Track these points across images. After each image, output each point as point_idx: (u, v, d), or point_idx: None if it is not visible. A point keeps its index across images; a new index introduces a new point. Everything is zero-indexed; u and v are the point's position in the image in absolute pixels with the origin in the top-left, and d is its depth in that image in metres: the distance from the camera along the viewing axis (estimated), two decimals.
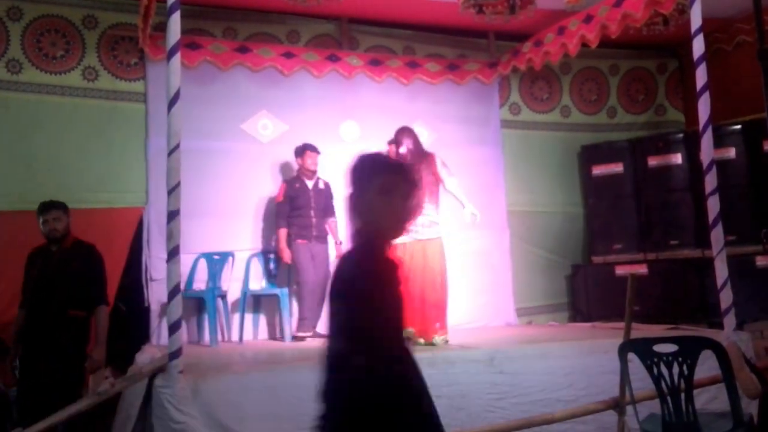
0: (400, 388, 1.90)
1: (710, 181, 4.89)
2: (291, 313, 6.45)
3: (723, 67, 7.22)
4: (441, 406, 4.27)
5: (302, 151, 6.50)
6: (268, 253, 6.70)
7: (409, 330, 5.23)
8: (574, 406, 4.32)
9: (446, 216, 5.78)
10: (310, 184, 6.48)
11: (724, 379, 3.20)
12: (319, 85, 6.94)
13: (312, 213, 6.43)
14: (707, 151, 4.93)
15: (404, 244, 5.18)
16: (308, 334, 6.17)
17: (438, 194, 5.58)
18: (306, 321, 6.24)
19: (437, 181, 5.55)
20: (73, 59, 6.29)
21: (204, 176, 6.47)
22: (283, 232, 6.38)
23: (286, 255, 6.31)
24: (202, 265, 6.36)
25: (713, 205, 4.88)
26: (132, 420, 4.17)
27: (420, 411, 1.96)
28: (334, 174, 6.93)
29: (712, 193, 4.89)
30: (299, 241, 6.36)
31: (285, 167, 6.85)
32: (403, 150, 5.59)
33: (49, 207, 4.79)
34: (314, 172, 6.52)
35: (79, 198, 6.07)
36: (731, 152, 7.02)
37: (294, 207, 6.41)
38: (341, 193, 6.79)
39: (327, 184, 6.58)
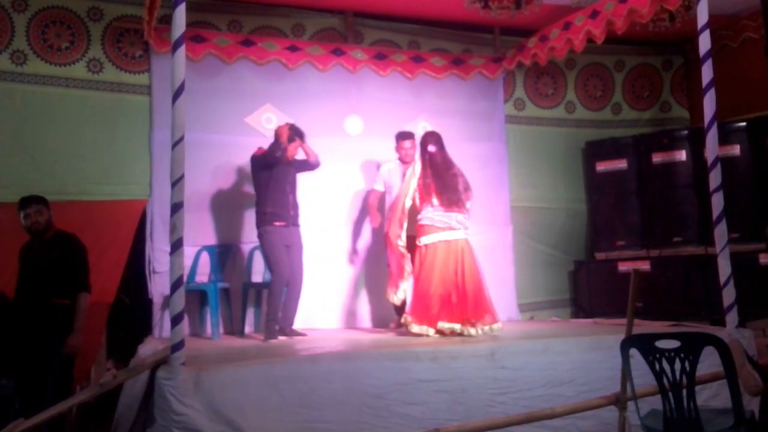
0: None
1: (714, 178, 4.88)
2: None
3: (729, 64, 7.19)
4: (442, 400, 4.35)
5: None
6: None
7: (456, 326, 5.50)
8: (575, 401, 4.32)
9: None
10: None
11: (726, 376, 3.19)
12: (324, 78, 6.94)
13: (287, 188, 5.94)
14: (712, 148, 4.91)
15: (455, 241, 5.71)
16: (276, 337, 5.69)
17: None
18: (273, 322, 5.75)
19: None
20: (78, 51, 6.29)
21: (208, 169, 6.50)
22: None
23: None
24: (205, 257, 6.37)
25: (717, 202, 4.87)
26: (134, 411, 4.19)
27: None
28: (338, 168, 6.96)
29: (716, 190, 4.88)
30: (276, 223, 5.81)
31: None
32: (432, 148, 5.92)
33: (29, 201, 4.82)
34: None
35: (83, 190, 6.12)
36: (736, 149, 7.01)
37: (269, 180, 5.87)
38: (349, 182, 6.86)
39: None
